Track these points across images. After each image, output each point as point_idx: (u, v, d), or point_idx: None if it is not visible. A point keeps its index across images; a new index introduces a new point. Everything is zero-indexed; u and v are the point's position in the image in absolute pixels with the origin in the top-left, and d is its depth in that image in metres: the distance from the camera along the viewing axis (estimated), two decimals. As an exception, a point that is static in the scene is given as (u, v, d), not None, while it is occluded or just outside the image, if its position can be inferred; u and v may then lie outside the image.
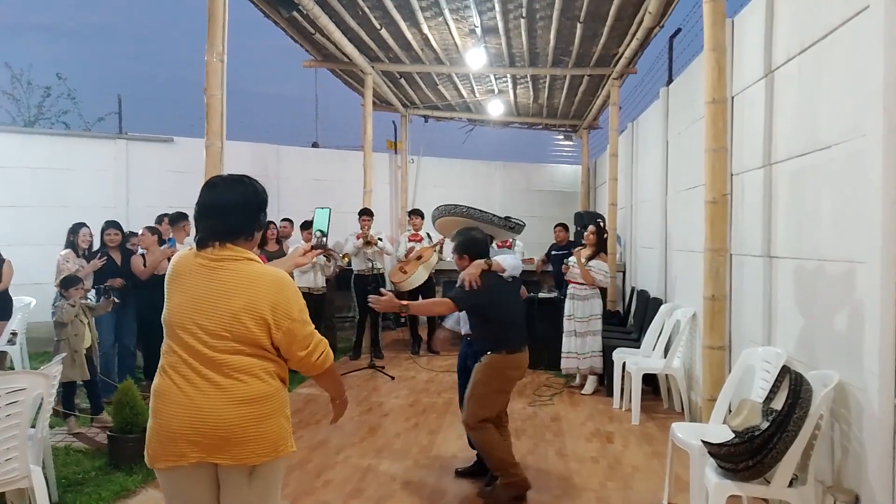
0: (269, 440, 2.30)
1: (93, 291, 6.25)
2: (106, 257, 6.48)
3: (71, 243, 6.51)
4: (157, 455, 2.29)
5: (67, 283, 5.57)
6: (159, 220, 7.35)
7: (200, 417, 2.23)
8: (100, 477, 4.46)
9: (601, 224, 7.27)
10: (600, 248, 7.13)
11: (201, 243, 2.35)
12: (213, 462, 2.28)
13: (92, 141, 10.43)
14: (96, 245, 6.83)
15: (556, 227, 9.18)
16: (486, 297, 4.15)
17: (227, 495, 2.35)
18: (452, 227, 4.86)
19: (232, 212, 2.38)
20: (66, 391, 5.42)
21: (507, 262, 4.34)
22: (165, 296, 2.37)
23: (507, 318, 4.23)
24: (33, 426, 3.75)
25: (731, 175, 4.94)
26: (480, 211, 4.86)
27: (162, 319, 2.36)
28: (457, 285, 4.22)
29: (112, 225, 6.80)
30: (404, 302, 4.16)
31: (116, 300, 6.00)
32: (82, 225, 6.62)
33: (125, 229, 7.30)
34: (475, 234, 4.41)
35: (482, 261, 4.23)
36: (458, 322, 4.83)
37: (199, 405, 2.24)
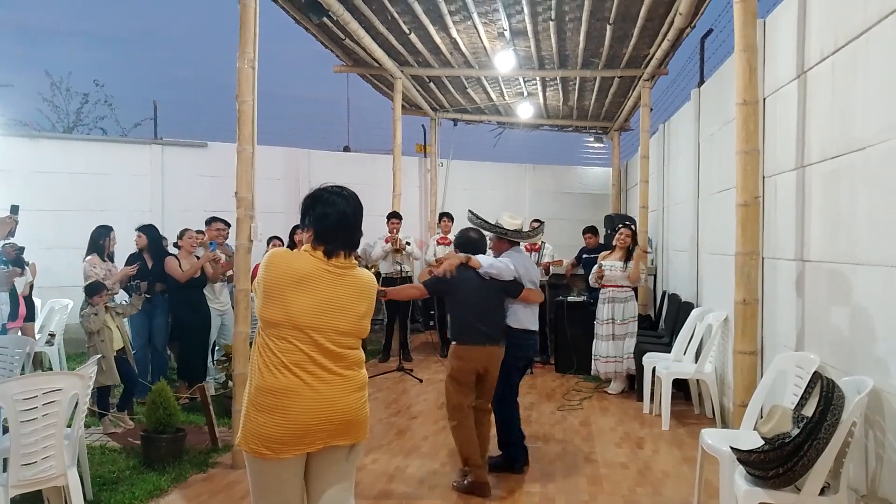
0: (368, 419, 2.69)
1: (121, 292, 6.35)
2: (139, 264, 6.56)
3: (98, 247, 6.48)
4: (282, 448, 2.48)
5: (91, 291, 5.65)
6: (208, 223, 7.39)
7: (330, 407, 2.52)
8: (133, 476, 4.55)
9: (632, 227, 7.23)
10: (633, 249, 7.11)
11: (331, 253, 2.59)
12: (334, 445, 2.57)
13: (128, 146, 10.67)
14: (120, 249, 6.90)
15: (584, 234, 9.09)
16: (451, 287, 4.46)
17: (327, 472, 2.63)
18: None
19: (357, 225, 2.70)
20: (101, 392, 5.54)
21: (486, 261, 4.56)
22: (276, 297, 2.51)
23: (468, 311, 4.43)
24: (69, 426, 3.84)
25: (764, 177, 4.86)
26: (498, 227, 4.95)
27: (272, 319, 2.50)
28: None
29: (137, 229, 6.90)
30: (381, 288, 4.29)
31: (147, 295, 6.08)
32: (110, 229, 6.67)
33: (161, 233, 7.41)
34: (471, 234, 4.76)
35: (463, 255, 4.52)
36: None
37: (328, 397, 2.52)
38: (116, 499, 4.16)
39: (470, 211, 5.03)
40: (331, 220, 2.60)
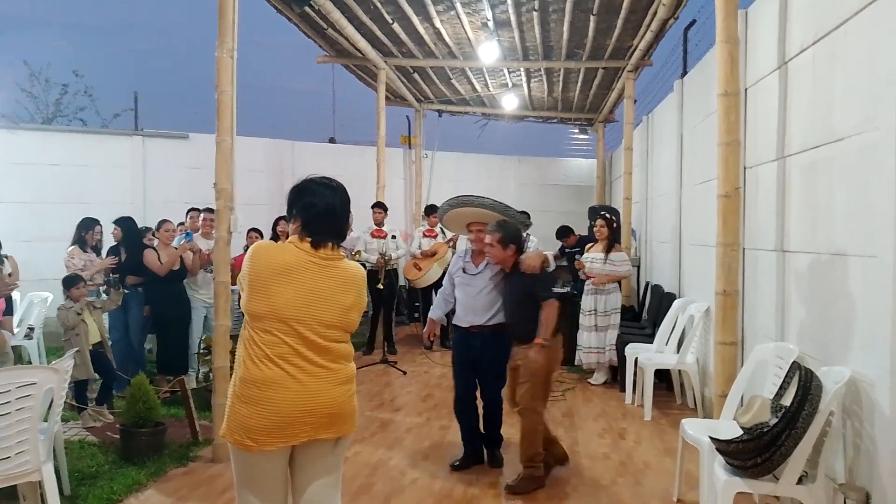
0: (355, 412, 2.66)
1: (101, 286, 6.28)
2: (116, 256, 6.49)
3: (80, 239, 6.47)
4: (266, 440, 2.46)
5: (68, 283, 5.60)
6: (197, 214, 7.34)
7: (315, 400, 2.49)
8: (112, 471, 4.49)
9: (607, 216, 7.22)
10: (614, 239, 7.13)
11: (318, 244, 2.56)
12: (319, 438, 2.54)
13: (109, 137, 10.56)
14: (107, 241, 6.85)
15: (557, 237, 9.00)
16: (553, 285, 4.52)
17: (312, 465, 2.61)
18: (462, 219, 4.86)
19: (345, 216, 2.69)
20: (79, 387, 5.48)
21: (550, 258, 4.63)
22: (260, 290, 2.49)
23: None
24: (45, 420, 3.79)
25: (745, 168, 4.87)
26: (494, 201, 4.80)
27: (256, 312, 2.49)
28: (533, 273, 4.39)
29: (114, 221, 6.82)
30: (539, 342, 4.26)
31: (126, 290, 6.02)
32: (95, 222, 6.61)
33: (142, 225, 7.35)
34: (519, 228, 4.59)
35: (546, 253, 4.51)
36: (443, 313, 4.99)
37: (313, 389, 2.49)
38: (95, 493, 4.11)
39: (482, 197, 4.79)
40: (318, 210, 2.58)
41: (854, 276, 3.30)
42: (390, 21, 7.86)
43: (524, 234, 8.59)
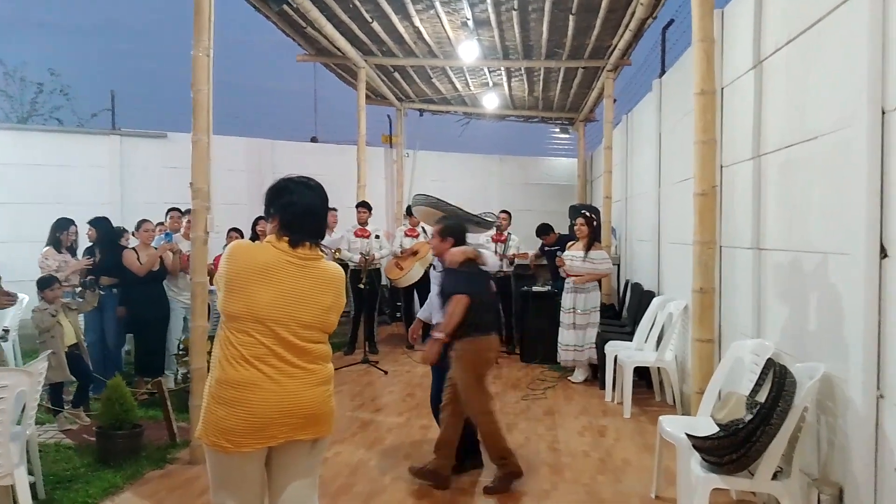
0: (333, 414, 2.65)
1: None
2: (92, 257, 6.42)
3: (55, 240, 6.39)
4: (242, 441, 2.45)
5: (43, 284, 5.52)
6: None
7: (292, 400, 2.48)
8: (88, 474, 4.44)
9: (587, 214, 7.25)
10: (594, 238, 7.16)
11: (297, 243, 2.54)
12: (296, 439, 2.53)
13: (86, 137, 10.43)
14: (83, 243, 6.77)
15: (538, 234, 9.00)
16: (471, 282, 4.32)
17: (289, 466, 2.59)
18: (432, 217, 4.93)
19: (323, 215, 2.68)
20: (54, 389, 5.41)
21: (490, 258, 4.55)
22: (237, 290, 2.47)
23: (479, 304, 4.33)
24: (19, 423, 3.74)
25: (721, 167, 4.91)
26: (460, 209, 4.93)
27: (233, 312, 2.47)
28: (448, 267, 4.35)
29: (89, 222, 6.75)
30: (438, 336, 4.25)
31: (101, 291, 5.95)
32: (70, 222, 6.53)
33: (121, 225, 7.27)
34: (462, 224, 4.62)
35: (472, 249, 4.40)
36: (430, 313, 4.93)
37: (290, 390, 2.48)
38: (70, 497, 4.06)
39: (422, 195, 4.96)
40: (296, 209, 2.57)
41: (827, 274, 3.34)
42: (369, 20, 7.83)
43: (505, 234, 8.70)
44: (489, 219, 5.13)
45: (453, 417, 4.37)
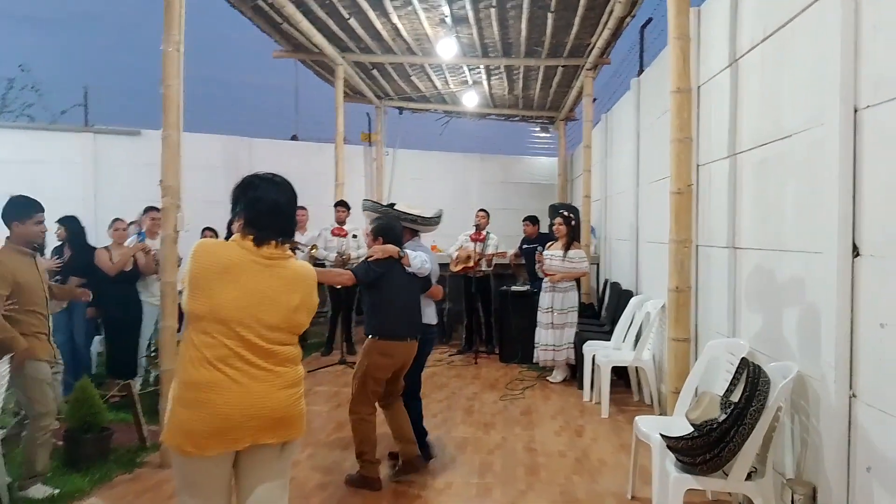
0: (303, 417, 2.58)
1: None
2: (60, 256, 6.28)
3: None
4: (206, 444, 2.37)
5: None
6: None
7: (258, 403, 2.41)
8: (56, 478, 4.32)
9: (565, 214, 7.23)
10: (573, 237, 7.14)
11: (261, 241, 2.47)
12: (263, 443, 2.46)
13: (59, 134, 10.26)
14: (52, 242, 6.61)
15: (524, 221, 9.05)
16: (379, 278, 4.32)
17: (256, 470, 2.52)
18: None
19: (290, 213, 2.59)
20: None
21: (417, 260, 4.49)
22: (201, 289, 2.40)
23: (392, 305, 4.34)
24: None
25: (698, 166, 4.90)
26: (401, 211, 4.87)
27: (196, 312, 2.40)
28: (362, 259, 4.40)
29: (58, 220, 6.61)
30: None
31: None
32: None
33: (95, 223, 7.12)
34: (395, 224, 4.60)
35: (396, 248, 4.40)
36: None
37: (256, 393, 2.41)
38: (35, 502, 3.96)
39: (367, 199, 4.97)
40: (261, 206, 2.50)
41: (801, 273, 3.33)
42: (346, 16, 7.76)
43: (483, 233, 8.65)
44: (435, 216, 5.06)
45: (359, 420, 4.37)
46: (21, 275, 4.00)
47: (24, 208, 4.12)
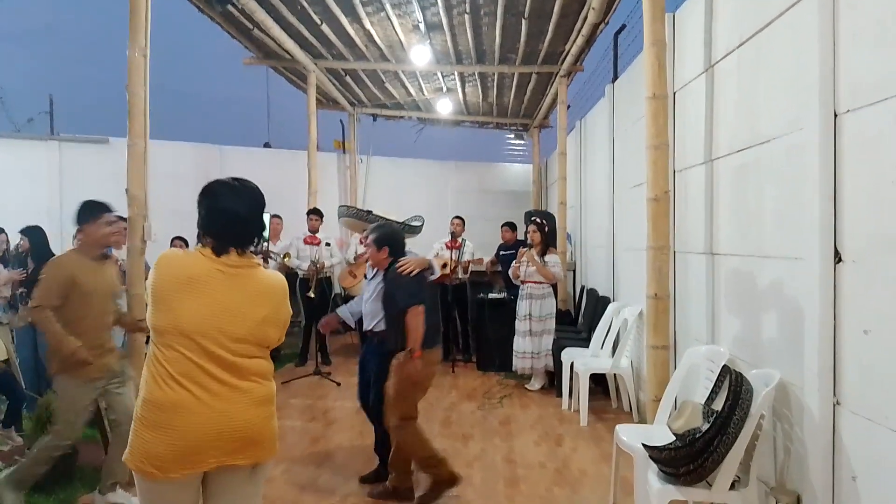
0: (275, 437, 2.46)
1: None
2: (24, 268, 6.09)
3: None
4: (170, 467, 2.27)
5: None
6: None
7: (224, 423, 2.30)
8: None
9: (538, 221, 7.19)
10: (548, 243, 7.11)
11: (221, 250, 2.38)
12: (231, 465, 2.35)
13: (22, 142, 9.98)
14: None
15: (502, 226, 9.03)
16: (427, 294, 4.17)
17: (228, 493, 2.41)
18: (359, 228, 4.81)
19: (253, 219, 2.47)
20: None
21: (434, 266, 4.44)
22: (163, 301, 2.30)
23: (428, 314, 4.19)
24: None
25: (674, 172, 4.88)
26: (385, 218, 4.82)
27: (160, 326, 2.31)
28: (398, 277, 4.12)
29: (21, 231, 6.42)
30: (417, 354, 4.04)
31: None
32: None
33: (61, 233, 6.92)
34: (398, 231, 4.48)
35: (424, 258, 4.27)
36: (350, 313, 4.80)
37: (221, 411, 2.30)
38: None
39: (343, 206, 4.84)
40: (218, 213, 2.41)
41: (782, 279, 3.30)
42: (318, 22, 7.66)
43: (459, 240, 8.59)
44: (416, 223, 4.99)
45: (413, 434, 4.20)
46: (82, 279, 3.85)
47: (91, 210, 3.96)
